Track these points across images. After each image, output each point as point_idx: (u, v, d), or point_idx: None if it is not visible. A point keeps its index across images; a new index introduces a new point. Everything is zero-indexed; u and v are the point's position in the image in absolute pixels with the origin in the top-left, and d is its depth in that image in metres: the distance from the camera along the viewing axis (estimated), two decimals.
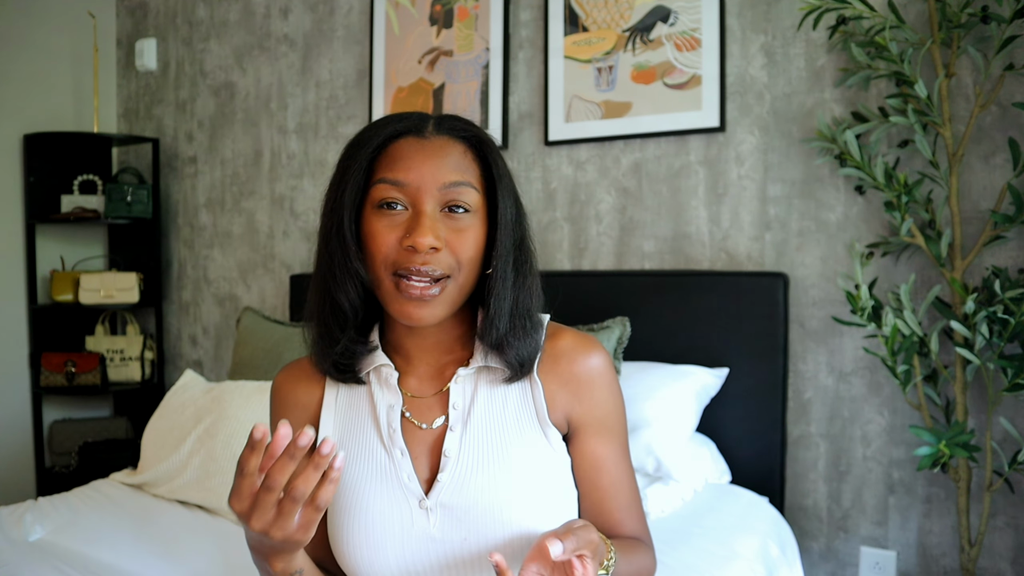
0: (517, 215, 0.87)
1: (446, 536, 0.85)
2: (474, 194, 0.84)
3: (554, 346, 0.91)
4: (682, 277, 2.02)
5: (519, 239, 0.87)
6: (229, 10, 2.95)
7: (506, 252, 0.85)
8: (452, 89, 2.43)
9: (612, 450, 0.93)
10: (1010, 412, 1.75)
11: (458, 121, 0.87)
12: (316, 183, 2.75)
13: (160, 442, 1.94)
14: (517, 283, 0.87)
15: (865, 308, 1.73)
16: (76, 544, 1.58)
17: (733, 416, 1.93)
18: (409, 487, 0.87)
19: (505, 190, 0.86)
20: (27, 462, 3.00)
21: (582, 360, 0.91)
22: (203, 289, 3.06)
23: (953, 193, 1.73)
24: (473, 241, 0.84)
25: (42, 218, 2.92)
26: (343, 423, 0.93)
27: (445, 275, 0.83)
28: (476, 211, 0.85)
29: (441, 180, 0.82)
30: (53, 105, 3.05)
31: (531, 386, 0.90)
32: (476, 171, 0.85)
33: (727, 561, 1.48)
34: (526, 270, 0.88)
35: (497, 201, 0.86)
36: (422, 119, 0.86)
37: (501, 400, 0.89)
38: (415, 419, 0.90)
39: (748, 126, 2.03)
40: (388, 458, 0.89)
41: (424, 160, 0.83)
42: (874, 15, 1.73)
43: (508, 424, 0.88)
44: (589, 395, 0.91)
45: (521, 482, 0.85)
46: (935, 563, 1.86)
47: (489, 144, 0.87)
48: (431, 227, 0.81)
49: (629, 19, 2.15)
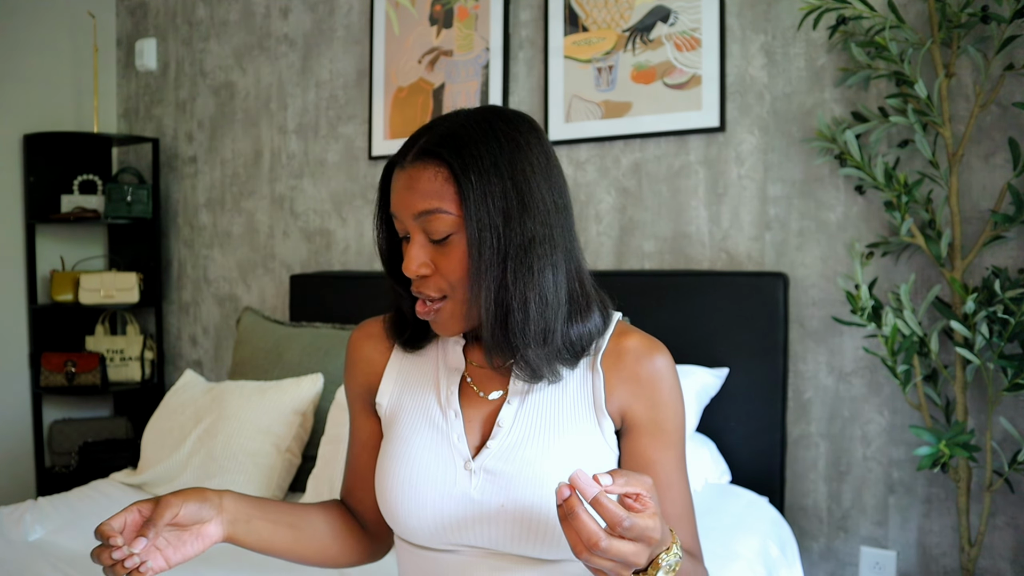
0: (506, 225, 0.83)
1: (485, 499, 0.87)
2: (447, 218, 0.83)
3: (620, 343, 0.92)
4: (682, 277, 2.02)
5: (514, 246, 0.83)
6: (229, 10, 2.95)
7: (484, 270, 0.83)
8: (452, 89, 2.43)
9: (665, 455, 0.91)
10: (1010, 412, 1.75)
11: (432, 140, 0.84)
12: (316, 183, 2.75)
13: (160, 442, 1.94)
14: (507, 295, 0.83)
15: (865, 308, 1.73)
16: (76, 544, 1.58)
17: (733, 416, 1.93)
18: (458, 447, 0.90)
19: (476, 208, 0.82)
20: (27, 462, 3.00)
21: (646, 360, 0.91)
22: (203, 289, 3.06)
23: (953, 193, 1.73)
24: (458, 262, 0.85)
25: (42, 218, 2.92)
26: (405, 379, 0.98)
27: (441, 296, 0.87)
28: (457, 231, 0.84)
29: (412, 210, 0.84)
30: (53, 105, 3.05)
31: (592, 375, 0.91)
32: (451, 191, 0.83)
33: (727, 561, 1.48)
34: (518, 279, 0.83)
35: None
36: (413, 142, 0.87)
37: (561, 383, 0.91)
38: (475, 386, 0.94)
39: (748, 126, 2.03)
40: (442, 417, 0.93)
41: (400, 191, 0.86)
42: (874, 15, 1.73)
43: (565, 406, 0.90)
44: (648, 395, 0.91)
45: (567, 461, 0.86)
46: (935, 563, 1.86)
47: (452, 164, 0.83)
48: (415, 256, 0.85)
49: (629, 19, 2.15)
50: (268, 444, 1.87)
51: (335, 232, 2.71)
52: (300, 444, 1.93)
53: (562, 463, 0.86)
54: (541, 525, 0.85)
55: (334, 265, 2.71)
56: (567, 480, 0.69)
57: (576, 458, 0.87)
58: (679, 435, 0.93)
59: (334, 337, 2.14)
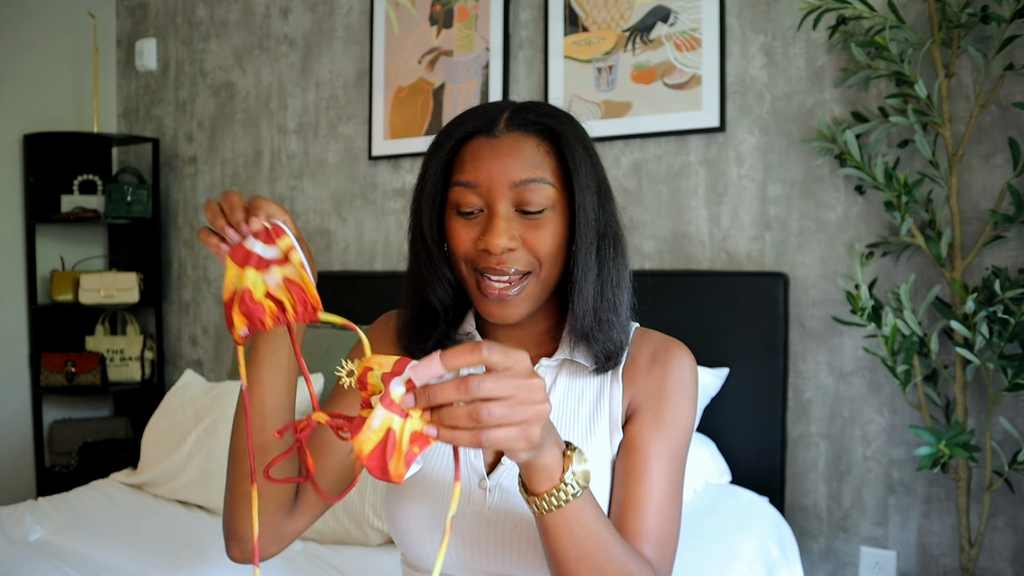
0: (600, 204, 0.84)
1: (498, 519, 0.85)
2: (548, 190, 0.82)
3: (639, 349, 0.90)
4: (682, 277, 2.02)
5: (602, 229, 0.84)
6: (229, 10, 2.95)
7: (587, 246, 0.83)
8: (452, 89, 2.43)
9: (658, 448, 0.85)
10: (1010, 412, 1.75)
11: (531, 112, 0.84)
12: (316, 183, 2.75)
13: (160, 442, 1.94)
14: (602, 275, 0.84)
15: (865, 308, 1.73)
16: (76, 544, 1.58)
17: (733, 416, 1.93)
18: (473, 464, 0.87)
19: (583, 181, 0.82)
20: (27, 462, 3.00)
21: (663, 355, 0.89)
22: (203, 289, 3.06)
23: (953, 193, 1.73)
24: (551, 237, 0.82)
25: (42, 218, 2.92)
26: None
27: (526, 271, 0.83)
28: (553, 205, 0.82)
29: (511, 179, 0.81)
30: (53, 105, 3.05)
31: (611, 387, 0.88)
32: (551, 164, 0.82)
33: (727, 561, 1.48)
34: (613, 260, 0.85)
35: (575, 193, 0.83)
36: (495, 115, 0.84)
37: (578, 396, 0.89)
38: None
39: (748, 126, 2.03)
40: None
41: (494, 160, 0.81)
42: (874, 15, 1.73)
43: (581, 421, 0.88)
44: (657, 384, 0.87)
45: None
46: (935, 563, 1.86)
47: (564, 135, 0.83)
48: (504, 228, 0.80)
49: (629, 19, 2.15)
50: None
51: (335, 232, 2.71)
52: None
53: None
54: None
55: (334, 265, 2.71)
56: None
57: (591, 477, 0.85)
58: (679, 432, 0.86)
59: (334, 337, 2.14)
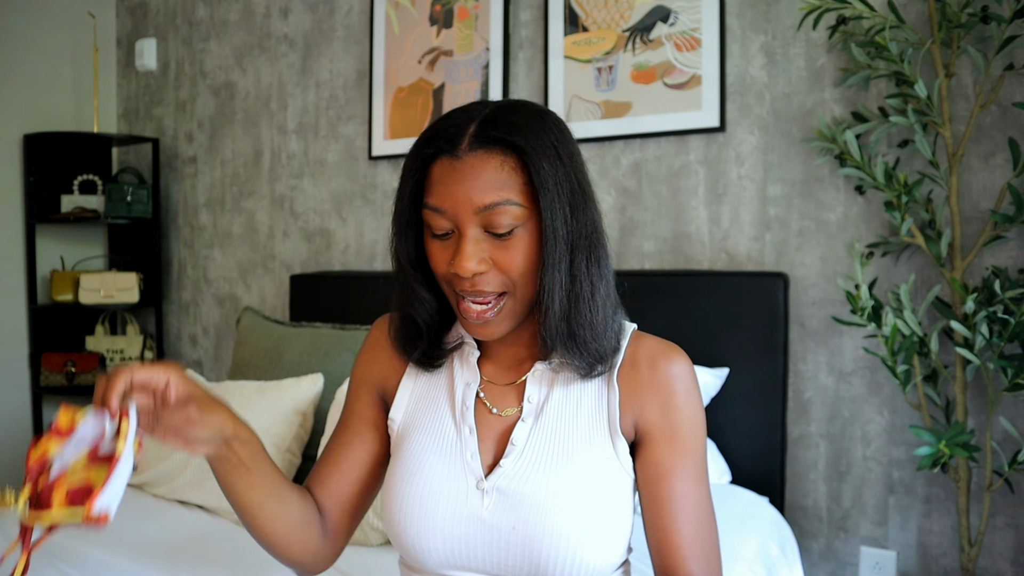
0: (573, 215, 0.81)
1: (496, 521, 0.84)
2: (515, 210, 0.79)
3: (635, 352, 0.89)
4: (682, 277, 2.02)
5: (575, 240, 0.82)
6: (229, 10, 2.95)
7: (554, 264, 0.80)
8: (452, 89, 2.43)
9: (680, 464, 0.85)
10: (1010, 412, 1.75)
11: (496, 127, 0.80)
12: (316, 183, 2.75)
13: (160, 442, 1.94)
14: (575, 288, 0.82)
15: (865, 308, 1.73)
16: (76, 544, 1.58)
17: (733, 416, 1.93)
18: (471, 465, 0.87)
19: (551, 196, 0.79)
20: None
21: (662, 364, 0.87)
22: (203, 289, 3.06)
23: (953, 193, 1.73)
24: (522, 256, 0.80)
25: (42, 218, 2.92)
26: (420, 394, 0.94)
27: (501, 292, 0.82)
28: (524, 223, 0.80)
29: (475, 204, 0.78)
30: (53, 105, 3.05)
31: (608, 391, 0.88)
32: (518, 181, 0.79)
33: (727, 561, 1.47)
34: (587, 270, 0.83)
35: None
36: (461, 129, 0.80)
37: (575, 401, 0.88)
38: (488, 402, 0.90)
39: (748, 126, 2.03)
40: (456, 434, 0.89)
41: (457, 184, 0.79)
42: (874, 15, 1.73)
43: (579, 425, 0.87)
44: (662, 399, 0.86)
45: (580, 485, 0.84)
46: (935, 563, 1.86)
47: (529, 150, 0.79)
48: (472, 252, 0.79)
49: (629, 19, 2.15)
50: (268, 444, 1.86)
51: (335, 232, 2.71)
52: (300, 444, 1.93)
53: (575, 485, 0.84)
54: (551, 552, 0.82)
55: (334, 265, 2.71)
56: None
57: (590, 479, 0.84)
58: (696, 443, 0.87)
59: (334, 337, 2.14)
